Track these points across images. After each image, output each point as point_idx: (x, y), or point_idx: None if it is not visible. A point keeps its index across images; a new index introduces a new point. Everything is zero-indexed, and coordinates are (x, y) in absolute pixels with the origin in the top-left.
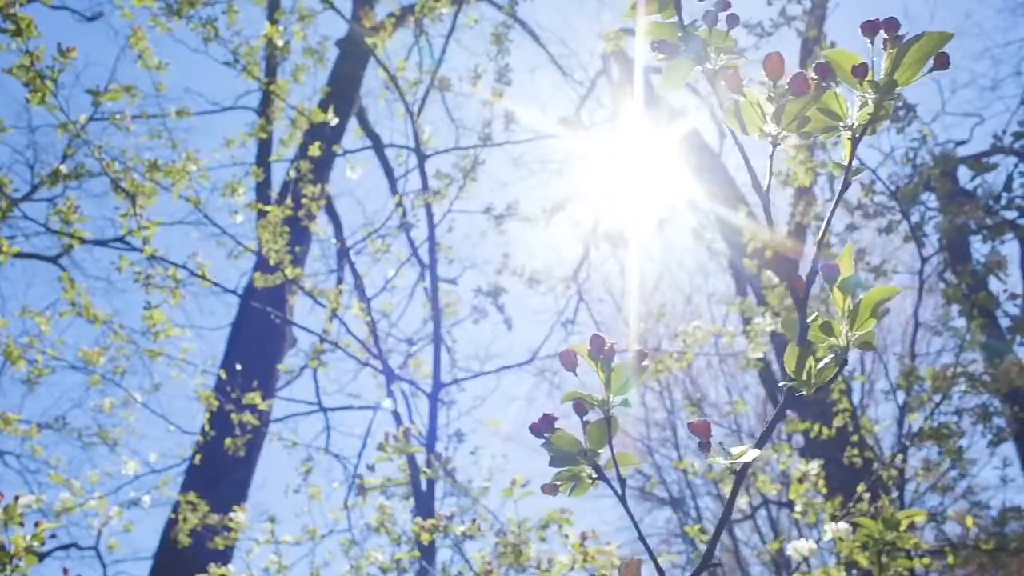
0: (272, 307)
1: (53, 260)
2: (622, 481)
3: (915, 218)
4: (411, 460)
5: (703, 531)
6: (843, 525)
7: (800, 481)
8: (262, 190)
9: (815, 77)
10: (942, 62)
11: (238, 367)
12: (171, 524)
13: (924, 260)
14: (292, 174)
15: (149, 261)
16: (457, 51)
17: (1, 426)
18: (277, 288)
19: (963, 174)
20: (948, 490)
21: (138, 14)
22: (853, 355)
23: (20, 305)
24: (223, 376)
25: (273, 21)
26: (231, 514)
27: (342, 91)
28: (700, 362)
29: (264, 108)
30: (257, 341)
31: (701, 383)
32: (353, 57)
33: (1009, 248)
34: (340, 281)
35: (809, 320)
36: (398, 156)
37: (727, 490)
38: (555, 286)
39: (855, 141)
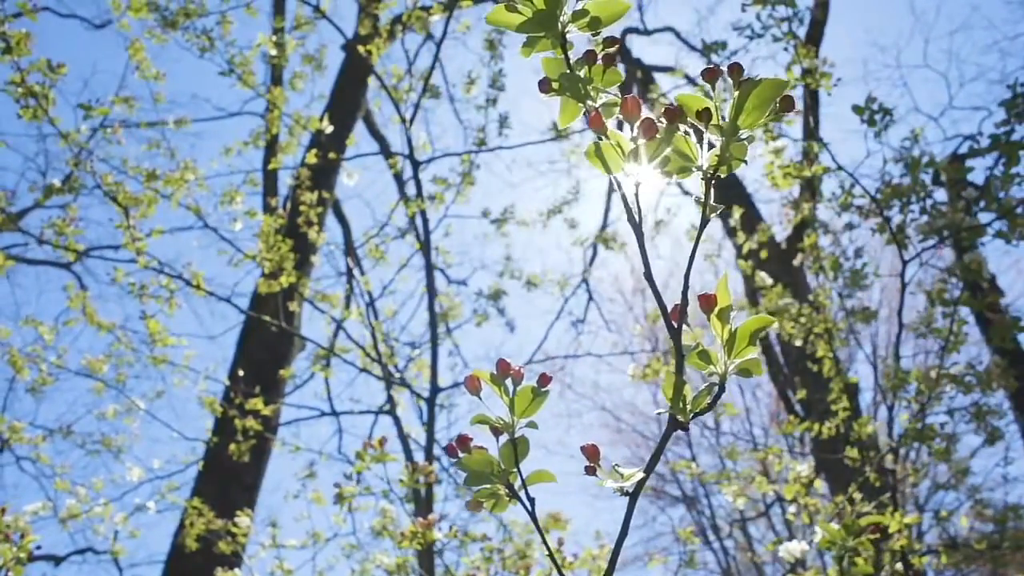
0: (280, 311)
1: (66, 267)
2: (531, 499)
3: (899, 219)
4: (412, 464)
5: (694, 534)
6: (834, 526)
7: (794, 481)
8: (268, 197)
9: (664, 120)
10: (787, 106)
11: (246, 372)
12: (181, 529)
13: (905, 263)
14: (290, 181)
15: (155, 269)
16: (465, 53)
17: (8, 435)
18: (284, 293)
19: (974, 165)
20: (951, 488)
21: (135, 25)
22: (865, 352)
23: (34, 312)
24: (227, 383)
25: (277, 29)
26: (236, 519)
27: (349, 95)
28: None
29: (268, 114)
30: (266, 344)
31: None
32: (360, 60)
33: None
34: (350, 285)
35: (689, 348)
36: (393, 162)
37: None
38: (557, 287)
39: (709, 181)
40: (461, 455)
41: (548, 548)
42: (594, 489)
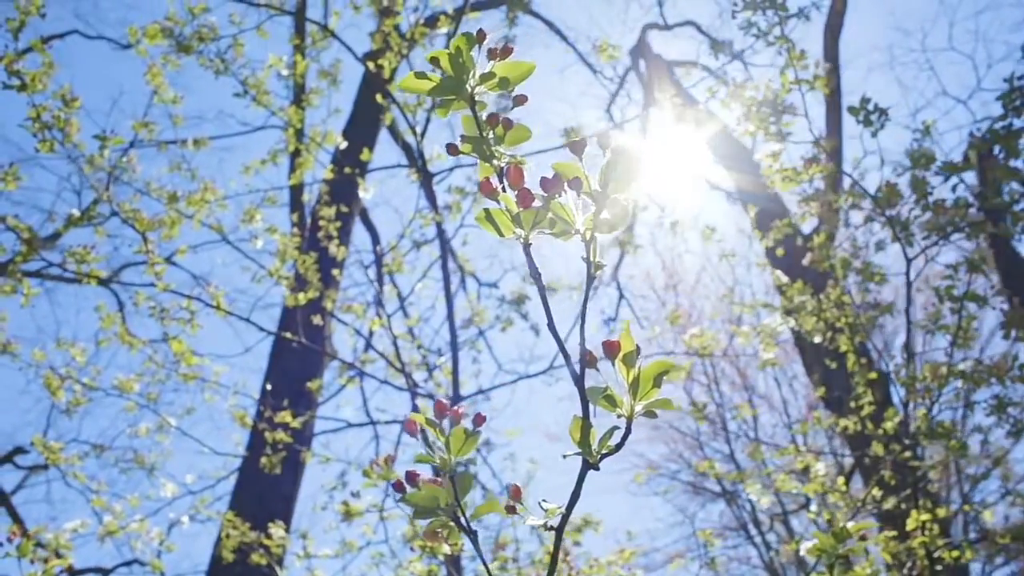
0: (300, 325)
1: (104, 283)
2: (474, 532)
3: (904, 216)
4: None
5: (713, 534)
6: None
7: (813, 480)
8: (293, 211)
9: (542, 190)
10: (649, 172)
11: (280, 382)
12: (220, 541)
13: (909, 261)
14: (307, 197)
15: (174, 291)
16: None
17: (45, 454)
18: (310, 306)
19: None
20: (984, 480)
21: (153, 49)
22: (876, 347)
23: (73, 329)
24: (255, 397)
25: (296, 47)
26: (270, 530)
27: (371, 105)
28: (747, 354)
29: (286, 131)
30: (298, 354)
31: (749, 374)
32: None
33: None
34: (380, 292)
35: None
36: (414, 172)
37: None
38: (574, 292)
39: (589, 243)
40: (408, 490)
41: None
42: (632, 487)
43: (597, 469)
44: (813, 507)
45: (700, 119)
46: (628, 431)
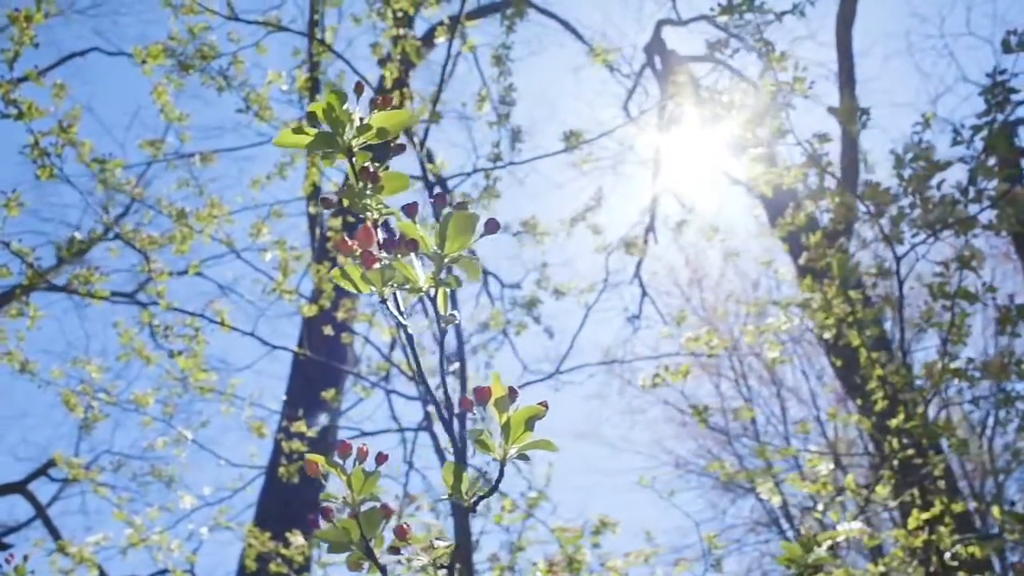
0: (305, 338)
1: (130, 296)
2: (383, 567)
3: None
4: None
5: (715, 537)
6: (856, 524)
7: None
8: (312, 218)
9: (383, 251)
10: (492, 228)
11: (302, 386)
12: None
13: (899, 259)
14: (312, 210)
15: (177, 309)
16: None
17: (67, 470)
18: (324, 315)
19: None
20: (1012, 472)
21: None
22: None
23: (102, 343)
24: (271, 408)
25: (313, 65)
26: (288, 540)
27: None
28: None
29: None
30: (320, 361)
31: (777, 368)
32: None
33: None
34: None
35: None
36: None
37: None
38: (582, 295)
39: (433, 298)
40: (322, 527)
41: None
42: (662, 484)
43: (473, 512)
44: (827, 504)
45: (715, 114)
46: (501, 474)
